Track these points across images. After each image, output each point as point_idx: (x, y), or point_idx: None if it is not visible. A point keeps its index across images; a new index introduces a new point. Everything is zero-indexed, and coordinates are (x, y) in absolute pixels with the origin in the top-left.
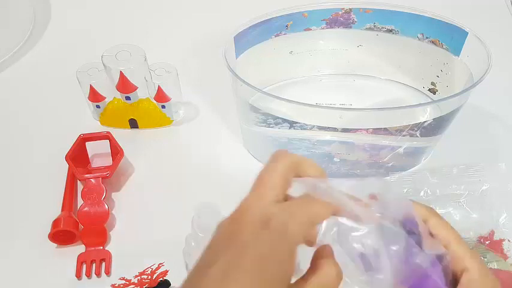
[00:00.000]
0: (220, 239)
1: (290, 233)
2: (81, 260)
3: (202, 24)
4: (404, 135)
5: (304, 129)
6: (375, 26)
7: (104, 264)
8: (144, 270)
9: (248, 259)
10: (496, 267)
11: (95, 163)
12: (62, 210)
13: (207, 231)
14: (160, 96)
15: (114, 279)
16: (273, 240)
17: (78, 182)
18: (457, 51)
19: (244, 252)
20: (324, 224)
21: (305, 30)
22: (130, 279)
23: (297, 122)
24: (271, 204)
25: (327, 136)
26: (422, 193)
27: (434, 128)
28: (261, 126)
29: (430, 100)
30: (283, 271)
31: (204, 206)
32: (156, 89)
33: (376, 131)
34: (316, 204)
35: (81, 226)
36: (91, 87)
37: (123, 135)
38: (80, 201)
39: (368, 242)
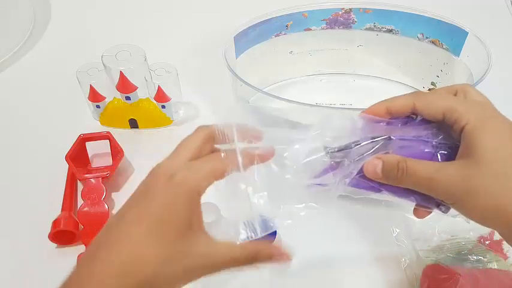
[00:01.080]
0: (138, 192)
1: (189, 184)
2: None
3: (202, 24)
4: None
5: None
6: (375, 26)
7: None
8: None
9: (153, 207)
10: (496, 267)
11: (95, 163)
12: (62, 210)
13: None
14: (160, 96)
15: None
16: (175, 191)
17: (78, 182)
18: (457, 51)
19: (152, 200)
20: None
21: (305, 30)
22: None
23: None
24: (180, 163)
25: None
26: None
27: None
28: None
29: None
30: (180, 218)
31: (204, 206)
32: (156, 89)
33: None
34: (214, 160)
35: (81, 226)
36: (91, 87)
37: (123, 135)
38: (80, 201)
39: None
